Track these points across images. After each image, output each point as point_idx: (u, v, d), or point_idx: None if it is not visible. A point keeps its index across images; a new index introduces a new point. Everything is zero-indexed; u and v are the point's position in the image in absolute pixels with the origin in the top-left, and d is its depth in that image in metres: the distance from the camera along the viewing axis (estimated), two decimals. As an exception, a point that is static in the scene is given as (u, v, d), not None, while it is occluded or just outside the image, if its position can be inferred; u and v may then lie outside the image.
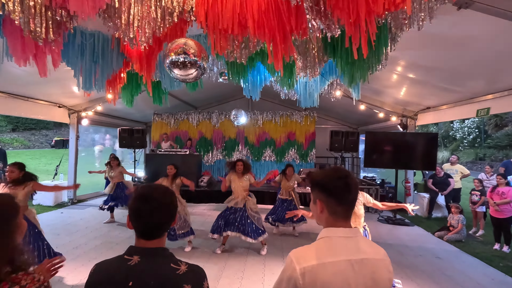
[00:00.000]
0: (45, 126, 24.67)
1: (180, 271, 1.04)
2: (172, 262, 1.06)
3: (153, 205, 1.08)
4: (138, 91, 5.29)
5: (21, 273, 1.07)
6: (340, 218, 1.08)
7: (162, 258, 1.06)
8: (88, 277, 1.07)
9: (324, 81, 5.00)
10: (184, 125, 10.59)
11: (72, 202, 8.05)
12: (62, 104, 7.68)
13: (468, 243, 5.51)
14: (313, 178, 1.13)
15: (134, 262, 1.03)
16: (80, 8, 2.35)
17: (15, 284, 1.02)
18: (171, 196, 1.15)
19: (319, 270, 0.98)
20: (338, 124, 11.63)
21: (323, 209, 1.09)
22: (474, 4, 2.84)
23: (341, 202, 1.08)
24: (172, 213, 1.14)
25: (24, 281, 1.04)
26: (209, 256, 4.61)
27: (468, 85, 5.36)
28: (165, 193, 1.13)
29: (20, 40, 3.02)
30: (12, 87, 6.03)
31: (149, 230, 1.08)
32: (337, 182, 1.07)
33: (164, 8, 3.15)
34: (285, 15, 2.30)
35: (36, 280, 1.07)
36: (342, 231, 1.06)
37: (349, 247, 1.03)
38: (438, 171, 7.22)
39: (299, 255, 1.03)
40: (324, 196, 1.08)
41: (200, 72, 2.99)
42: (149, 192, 1.11)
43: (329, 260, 1.00)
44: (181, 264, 1.07)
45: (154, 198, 1.09)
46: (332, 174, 1.10)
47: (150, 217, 1.07)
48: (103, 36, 3.94)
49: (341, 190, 1.07)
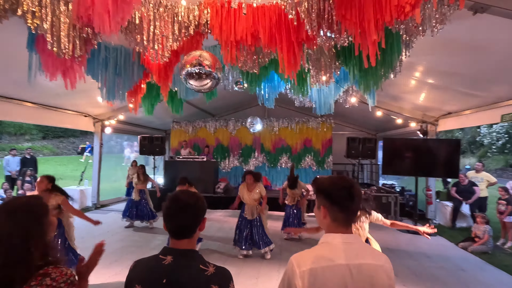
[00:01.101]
0: (72, 134, 25.97)
1: (208, 272, 1.12)
2: (201, 263, 1.15)
3: (179, 205, 1.20)
4: (158, 100, 5.52)
5: (52, 266, 1.18)
6: (341, 225, 1.12)
7: (192, 259, 1.16)
8: (128, 272, 1.20)
9: (338, 88, 5.00)
10: (202, 133, 10.84)
11: (95, 207, 8.43)
12: (87, 113, 8.12)
13: (495, 255, 5.22)
14: (319, 185, 1.18)
15: (168, 261, 1.15)
16: (103, 26, 2.54)
17: (47, 276, 1.14)
18: (197, 199, 1.24)
19: (318, 274, 1.01)
20: (356, 130, 11.44)
21: (326, 215, 1.13)
22: (491, 8, 2.78)
23: (344, 210, 1.11)
24: (196, 213, 1.22)
25: (54, 274, 1.15)
26: (224, 260, 4.68)
27: (492, 90, 5.16)
28: (191, 196, 1.24)
29: (51, 56, 3.28)
30: (43, 98, 6.47)
31: (178, 230, 1.20)
32: (341, 191, 1.11)
33: (181, 22, 3.33)
34: (293, 26, 2.37)
35: (63, 273, 1.18)
36: (341, 236, 1.09)
37: (348, 252, 1.06)
38: (461, 179, 6.93)
39: (299, 259, 1.07)
40: (328, 203, 1.12)
41: (214, 82, 3.10)
42: (177, 194, 1.25)
43: (327, 264, 1.03)
44: (209, 265, 1.15)
45: (180, 199, 1.21)
46: (338, 183, 1.14)
47: (177, 217, 1.19)
48: (125, 50, 4.18)
49: (344, 199, 1.11)
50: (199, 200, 1.24)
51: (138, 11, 3.11)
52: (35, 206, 1.27)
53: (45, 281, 1.12)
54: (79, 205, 8.16)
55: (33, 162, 9.41)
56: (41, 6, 2.75)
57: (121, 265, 4.39)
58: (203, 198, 1.27)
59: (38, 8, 2.75)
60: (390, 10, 2.04)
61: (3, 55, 4.41)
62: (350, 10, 2.23)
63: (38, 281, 1.11)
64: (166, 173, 9.43)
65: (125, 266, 4.18)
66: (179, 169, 8.72)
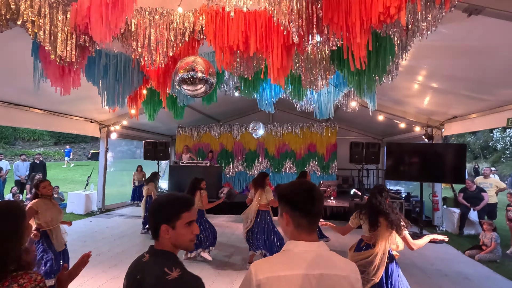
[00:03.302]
0: (83, 140, 26.55)
1: (170, 277, 1.07)
2: (167, 266, 1.10)
3: (150, 209, 1.26)
4: (160, 106, 5.60)
5: (21, 272, 1.19)
6: (304, 231, 1.09)
7: (161, 260, 1.14)
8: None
9: (338, 92, 4.97)
10: (206, 138, 10.91)
11: (100, 211, 8.55)
12: (94, 119, 8.30)
13: (503, 263, 5.03)
14: (280, 191, 1.16)
15: (146, 259, 1.18)
16: (98, 34, 2.62)
17: (14, 282, 1.14)
18: (154, 204, 1.25)
19: (273, 283, 0.98)
20: (361, 135, 11.32)
21: (289, 222, 1.10)
22: (485, 10, 2.73)
23: (306, 214, 1.08)
24: (154, 219, 1.22)
25: (22, 280, 1.16)
26: (223, 266, 4.65)
27: (497, 93, 5.04)
28: (154, 201, 1.27)
29: (52, 63, 3.38)
30: (51, 105, 6.66)
31: (151, 230, 1.24)
32: (302, 194, 1.09)
33: (176, 29, 3.40)
34: (281, 31, 2.38)
35: (33, 280, 1.18)
36: (303, 244, 1.06)
37: (308, 261, 1.02)
38: (469, 185, 6.74)
39: (257, 267, 1.04)
40: (290, 209, 1.10)
41: (208, 87, 3.13)
42: (156, 199, 1.29)
43: (284, 273, 1.00)
44: (175, 270, 1.09)
45: (152, 202, 1.28)
46: (298, 187, 1.13)
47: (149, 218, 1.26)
48: (125, 56, 4.28)
49: (305, 203, 1.09)
50: (155, 204, 1.25)
51: (134, 18, 3.19)
52: (13, 210, 1.30)
53: (12, 287, 1.12)
54: (84, 210, 8.30)
55: (42, 167, 9.67)
56: (40, 16, 2.86)
57: (119, 269, 4.42)
58: (163, 202, 1.23)
59: (37, 17, 2.85)
60: (376, 13, 2.03)
61: (13, 63, 4.59)
62: (337, 13, 2.23)
63: (5, 287, 1.12)
64: (170, 178, 9.51)
65: (123, 270, 4.15)
66: (183, 174, 8.79)
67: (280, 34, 2.53)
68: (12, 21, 2.84)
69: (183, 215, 1.18)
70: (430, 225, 7.35)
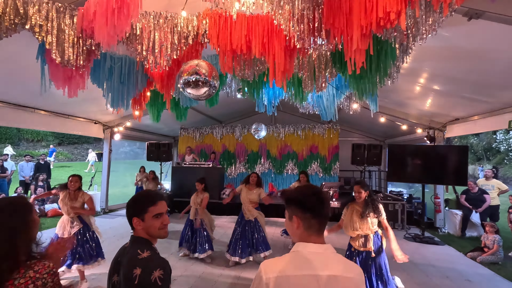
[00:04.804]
0: (86, 141, 26.71)
1: (140, 256, 1.28)
2: (139, 248, 1.32)
3: (126, 204, 1.48)
4: (164, 107, 5.66)
5: (34, 260, 1.28)
6: (314, 233, 1.13)
7: (137, 245, 1.36)
8: None
9: (339, 94, 5.01)
10: (208, 139, 10.97)
11: (104, 212, 8.62)
12: (98, 120, 8.39)
13: (505, 266, 5.03)
14: (288, 196, 1.20)
15: (127, 245, 1.42)
16: (103, 38, 2.67)
17: (30, 269, 1.23)
18: (131, 200, 1.46)
19: (282, 282, 1.02)
20: (364, 137, 11.33)
21: (299, 225, 1.14)
22: (485, 14, 2.76)
23: (316, 215, 1.13)
24: (128, 211, 1.44)
25: (37, 267, 1.25)
26: (224, 267, 4.69)
27: (498, 96, 5.05)
28: (131, 198, 1.49)
29: (58, 66, 3.45)
30: (56, 106, 6.75)
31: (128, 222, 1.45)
32: (312, 197, 1.14)
33: (180, 33, 3.45)
34: (283, 34, 2.42)
35: (46, 266, 1.28)
36: (312, 246, 1.10)
37: (317, 263, 1.05)
38: (471, 186, 6.74)
39: (267, 266, 1.08)
40: (301, 211, 1.14)
41: (211, 90, 3.18)
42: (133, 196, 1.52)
43: (293, 273, 1.03)
44: (146, 251, 1.31)
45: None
46: (306, 191, 1.18)
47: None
48: (129, 59, 4.34)
49: (316, 205, 1.14)
50: (129, 200, 1.46)
51: (139, 22, 3.25)
52: (19, 205, 1.36)
53: (28, 274, 1.21)
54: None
55: (46, 167, 9.76)
56: (47, 20, 2.93)
57: (123, 269, 4.46)
58: (134, 199, 1.46)
59: (45, 22, 2.92)
60: (376, 18, 2.07)
61: (19, 66, 4.67)
62: (338, 18, 2.28)
63: (22, 274, 1.20)
64: (173, 179, 9.57)
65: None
66: (185, 175, 8.85)
67: (283, 38, 2.58)
68: (21, 25, 2.91)
69: (149, 209, 1.39)
70: (432, 227, 7.35)
